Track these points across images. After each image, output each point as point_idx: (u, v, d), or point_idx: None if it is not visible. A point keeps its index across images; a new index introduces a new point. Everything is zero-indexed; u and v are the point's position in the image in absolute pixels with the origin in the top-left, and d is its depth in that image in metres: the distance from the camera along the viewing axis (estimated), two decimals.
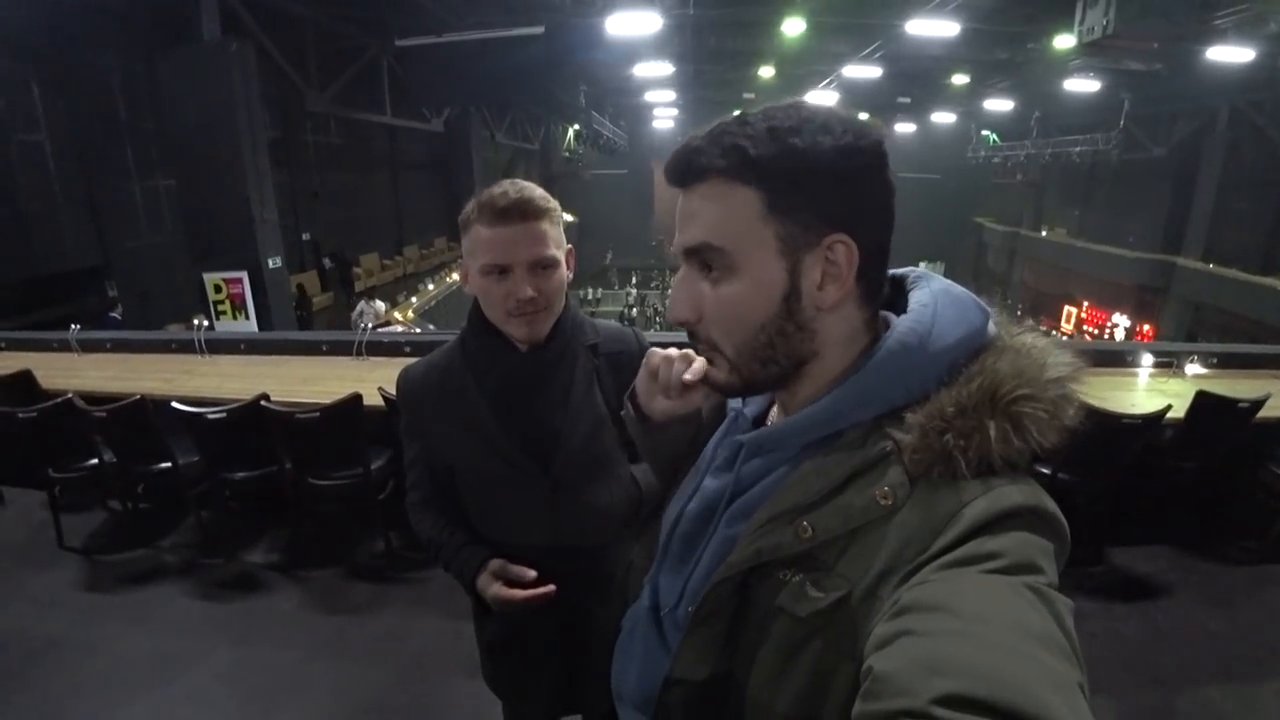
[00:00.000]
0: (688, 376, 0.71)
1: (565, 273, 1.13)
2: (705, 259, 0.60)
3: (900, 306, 0.63)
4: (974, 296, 0.63)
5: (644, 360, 0.78)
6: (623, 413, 0.87)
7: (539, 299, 1.08)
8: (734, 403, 0.74)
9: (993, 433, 0.53)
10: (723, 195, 0.58)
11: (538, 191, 1.08)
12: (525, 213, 1.05)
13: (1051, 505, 0.54)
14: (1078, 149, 16.04)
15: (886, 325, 0.62)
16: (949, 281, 0.65)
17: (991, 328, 0.61)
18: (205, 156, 6.72)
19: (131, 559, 3.20)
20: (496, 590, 1.10)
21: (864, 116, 0.60)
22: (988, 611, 0.44)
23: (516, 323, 1.10)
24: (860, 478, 0.57)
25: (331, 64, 9.06)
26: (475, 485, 1.21)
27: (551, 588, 1.09)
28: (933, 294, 0.61)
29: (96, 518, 3.54)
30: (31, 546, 3.30)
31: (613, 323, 1.36)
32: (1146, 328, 15.34)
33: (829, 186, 0.57)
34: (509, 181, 1.08)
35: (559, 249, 1.11)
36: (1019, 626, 0.43)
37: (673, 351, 0.77)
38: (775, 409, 0.71)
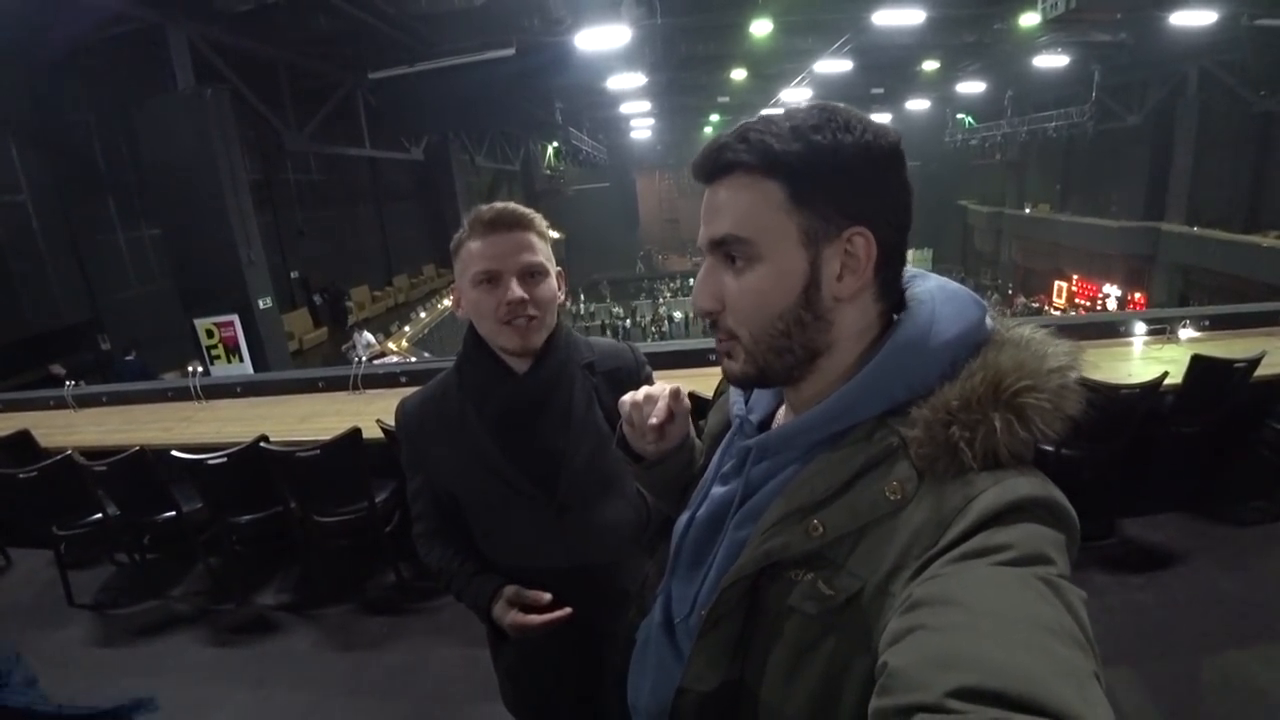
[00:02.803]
0: (652, 420, 0.75)
1: (556, 286, 1.14)
2: (730, 250, 0.61)
3: (899, 305, 0.64)
4: (970, 292, 0.64)
5: (619, 408, 0.81)
6: (617, 456, 0.90)
7: (530, 304, 1.08)
8: (737, 409, 0.75)
9: (998, 424, 0.53)
10: (748, 188, 0.60)
11: (524, 207, 1.11)
12: (512, 222, 1.08)
13: (1060, 497, 0.54)
14: (1053, 124, 16.19)
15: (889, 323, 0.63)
16: (944, 278, 0.66)
17: (989, 321, 0.62)
18: (188, 203, 6.77)
19: (142, 611, 3.17)
20: (513, 618, 1.09)
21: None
22: (999, 605, 0.44)
23: (509, 332, 1.09)
24: (868, 473, 0.58)
25: (307, 102, 9.12)
26: (481, 512, 1.20)
27: (568, 610, 1.08)
28: (929, 291, 0.62)
29: (105, 572, 3.51)
30: (40, 606, 3.28)
31: (607, 339, 1.37)
32: (1138, 296, 15.40)
33: (849, 181, 0.58)
34: (497, 202, 1.11)
35: (548, 260, 1.12)
36: (1031, 618, 0.43)
37: (640, 394, 0.79)
38: (781, 412, 0.72)
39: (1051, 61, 12.10)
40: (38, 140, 6.69)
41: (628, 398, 0.81)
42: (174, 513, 3.05)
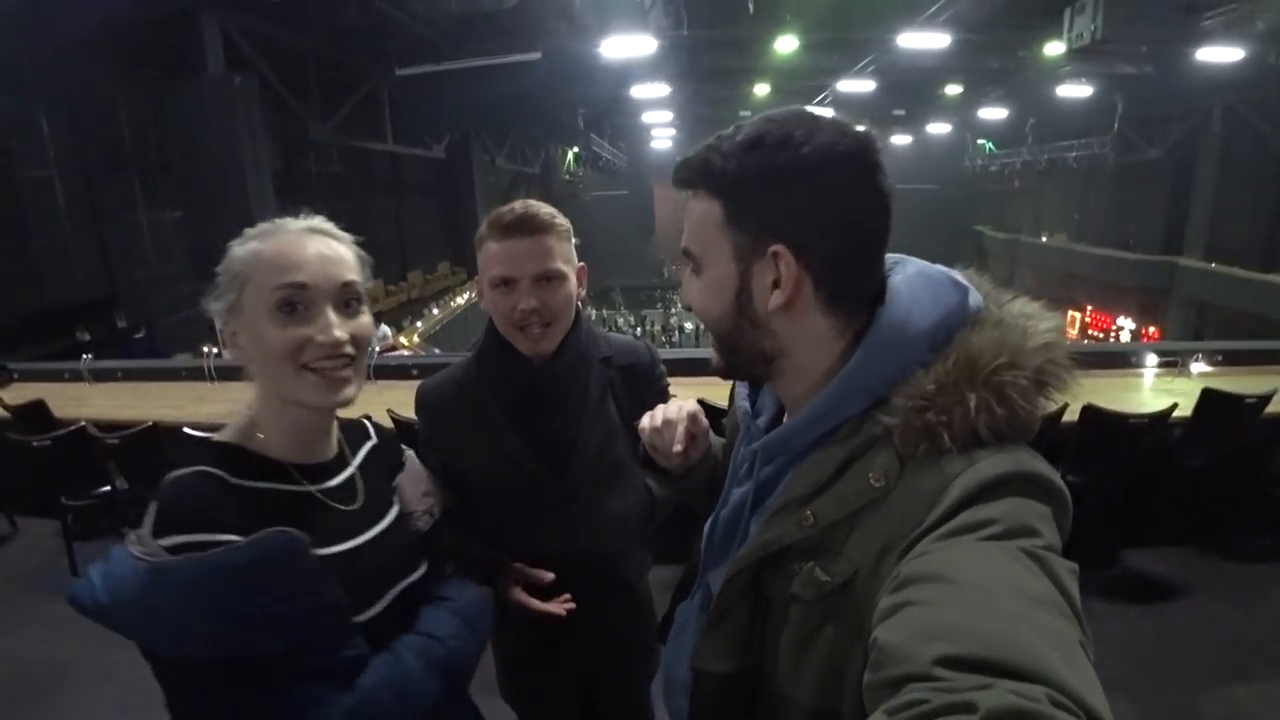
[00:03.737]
0: (676, 448, 0.81)
1: (574, 287, 1.15)
2: (688, 261, 0.68)
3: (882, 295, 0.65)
4: (950, 274, 0.64)
5: (639, 432, 0.87)
6: (646, 477, 0.98)
7: (543, 311, 1.10)
8: (743, 412, 0.78)
9: (973, 405, 0.54)
10: (699, 202, 0.64)
11: (545, 209, 1.12)
12: (530, 228, 1.09)
13: (1045, 469, 0.55)
14: (1073, 154, 16.15)
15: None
16: (924, 263, 0.66)
17: (974, 301, 0.62)
18: (211, 187, 6.84)
19: None
20: (517, 595, 1.11)
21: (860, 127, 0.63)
22: (984, 578, 0.45)
23: (521, 336, 1.12)
24: (854, 464, 0.60)
25: (333, 94, 9.22)
26: (493, 495, 1.22)
27: (570, 605, 1.10)
28: (907, 280, 0.63)
29: (109, 545, 3.54)
30: (44, 574, 3.32)
31: (625, 336, 1.40)
32: (1152, 330, 15.27)
33: (775, 199, 0.60)
34: (520, 201, 1.12)
35: (566, 264, 1.13)
36: (1015, 589, 0.44)
37: (657, 419, 0.84)
38: (786, 416, 0.74)
39: (1074, 91, 12.09)
40: (69, 117, 6.80)
41: (645, 422, 0.85)
42: None
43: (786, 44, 9.41)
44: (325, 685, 0.73)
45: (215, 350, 4.60)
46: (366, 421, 1.01)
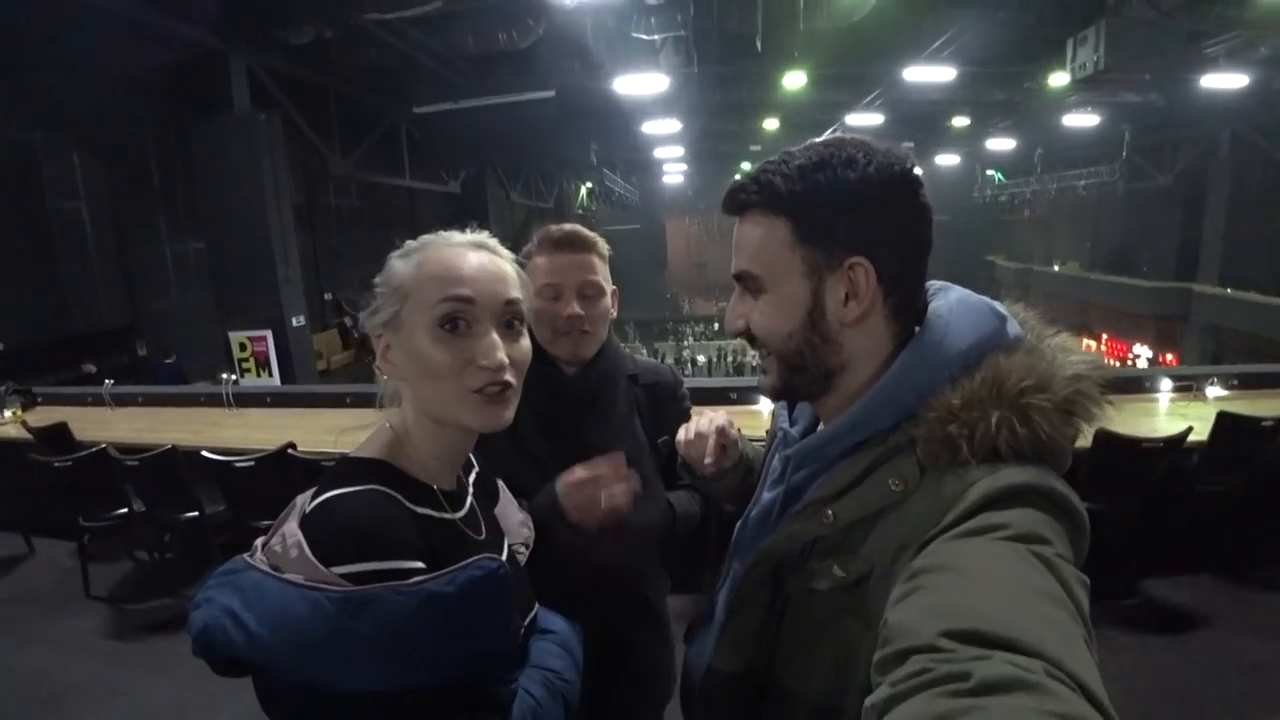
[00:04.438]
0: (708, 460, 0.88)
1: (610, 304, 1.24)
2: (745, 284, 0.69)
3: (920, 320, 0.68)
4: (991, 303, 0.68)
5: (676, 446, 0.95)
6: (681, 477, 1.05)
7: (586, 319, 1.19)
8: (781, 421, 0.82)
9: (995, 422, 0.57)
10: (759, 224, 0.67)
11: (588, 231, 1.24)
12: (577, 244, 1.21)
13: (1062, 487, 0.56)
14: (1082, 182, 16.16)
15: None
16: (967, 291, 0.70)
17: (1014, 330, 0.65)
18: (233, 220, 7.05)
19: (156, 607, 3.22)
20: (576, 475, 1.03)
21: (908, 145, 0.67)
22: (993, 570, 0.48)
23: (564, 341, 1.19)
24: (878, 470, 0.62)
25: (353, 130, 9.49)
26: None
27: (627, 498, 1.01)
28: (948, 304, 0.67)
29: (123, 568, 3.58)
30: (58, 594, 3.35)
31: (650, 359, 1.48)
32: (1169, 357, 15.07)
33: (849, 215, 0.64)
34: (566, 224, 1.24)
35: (605, 281, 1.23)
36: (1022, 582, 0.46)
37: (691, 433, 0.92)
38: (820, 426, 0.77)
39: (1081, 120, 12.17)
40: (99, 151, 7.06)
41: (681, 435, 0.93)
42: (196, 513, 3.12)
43: (795, 79, 9.59)
44: (491, 717, 0.71)
45: (234, 377, 4.68)
46: None
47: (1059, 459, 0.59)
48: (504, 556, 0.84)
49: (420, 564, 0.65)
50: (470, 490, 0.87)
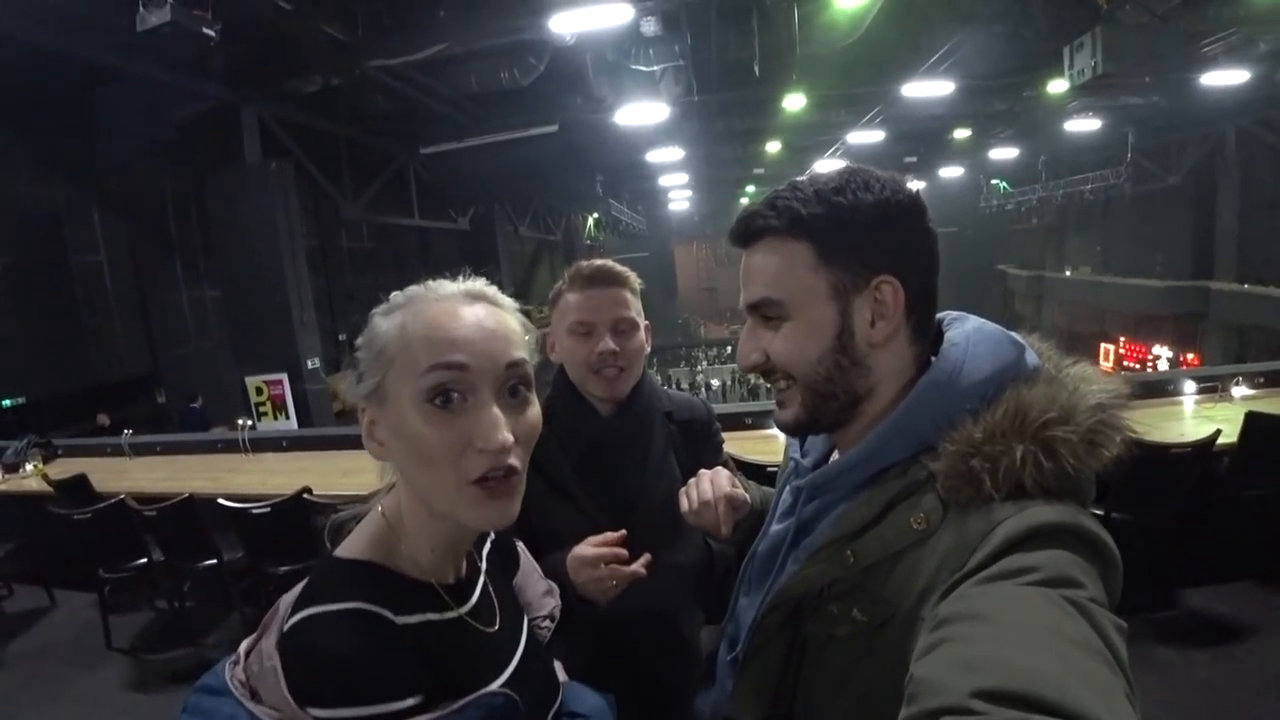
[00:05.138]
0: (724, 530, 0.88)
1: (644, 340, 1.22)
2: (764, 312, 0.67)
3: (936, 347, 0.67)
4: (1008, 333, 0.66)
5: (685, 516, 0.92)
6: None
7: (620, 355, 1.16)
8: (793, 451, 0.80)
9: (1019, 456, 0.54)
10: (777, 250, 0.66)
11: (619, 266, 1.21)
12: (608, 279, 1.18)
13: (1092, 525, 0.54)
14: (1089, 187, 16.09)
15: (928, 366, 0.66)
16: (983, 320, 0.69)
17: (1032, 360, 0.63)
18: (249, 266, 7.19)
19: (177, 658, 3.21)
20: (589, 572, 1.00)
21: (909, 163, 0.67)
22: (1023, 618, 0.45)
23: (597, 380, 1.17)
24: (897, 506, 0.60)
25: (363, 174, 9.71)
26: (556, 544, 1.20)
27: (643, 570, 1.00)
28: (965, 334, 0.65)
29: (144, 618, 3.58)
30: (80, 647, 3.36)
31: (684, 393, 1.45)
32: (1190, 356, 14.80)
33: (872, 235, 0.64)
34: (597, 259, 1.22)
35: (638, 315, 1.21)
36: (1054, 630, 0.44)
37: (693, 498, 0.90)
38: (835, 455, 0.75)
39: (1084, 125, 12.15)
40: (118, 206, 7.29)
41: (684, 505, 0.91)
42: (215, 560, 3.12)
43: (794, 102, 9.69)
44: None
45: (250, 423, 4.72)
46: None
47: (1084, 493, 0.57)
48: (524, 641, 0.74)
49: (411, 701, 0.56)
50: (483, 568, 0.76)
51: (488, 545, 0.80)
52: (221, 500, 2.97)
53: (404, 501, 0.65)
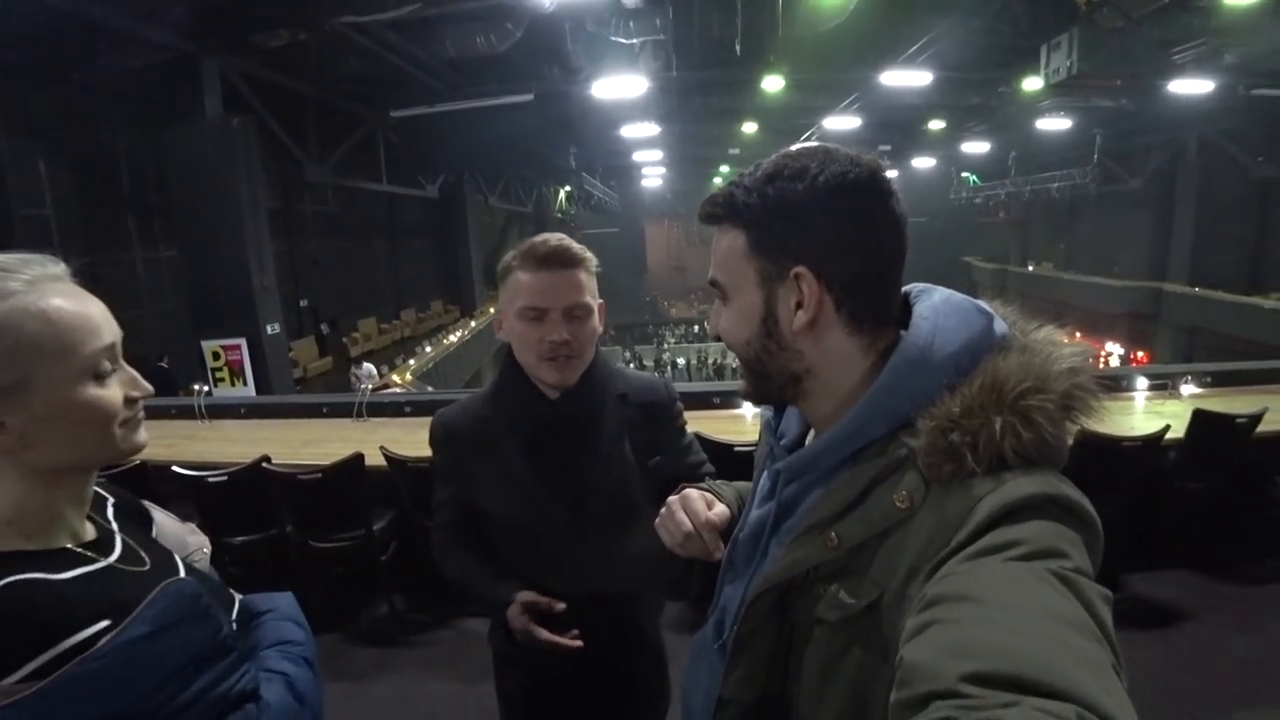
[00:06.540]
0: (717, 555, 0.82)
1: (597, 322, 1.16)
2: (716, 291, 0.71)
3: (907, 323, 0.66)
4: (975, 302, 0.66)
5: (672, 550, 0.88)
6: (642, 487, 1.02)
7: (572, 344, 1.10)
8: (770, 438, 0.79)
9: (999, 427, 0.54)
10: (725, 235, 0.68)
11: (576, 244, 1.13)
12: (564, 260, 1.10)
13: (1074, 494, 0.54)
14: (1056, 185, 16.50)
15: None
16: (950, 291, 0.68)
17: (1000, 328, 0.63)
18: (207, 227, 6.92)
19: None
20: (525, 624, 1.08)
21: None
22: (1011, 597, 0.45)
23: (548, 366, 1.12)
24: (879, 486, 0.60)
25: (329, 136, 9.38)
26: (506, 531, 1.20)
27: (578, 643, 1.06)
28: (932, 306, 0.64)
29: None
30: None
31: (644, 373, 1.41)
32: (1141, 355, 15.43)
33: (793, 225, 0.63)
34: (552, 234, 1.13)
35: (593, 298, 1.14)
36: (1043, 609, 0.44)
37: (676, 534, 0.84)
38: (810, 435, 0.74)
39: (1055, 124, 12.41)
40: (68, 158, 6.89)
41: (668, 540, 0.86)
42: None
43: (773, 84, 9.65)
44: (245, 706, 0.73)
45: (206, 388, 4.57)
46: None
47: (1060, 458, 0.57)
48: (180, 568, 0.81)
49: (106, 622, 0.63)
50: (115, 528, 0.80)
51: (110, 509, 0.85)
52: (176, 468, 2.87)
53: (17, 492, 0.68)
